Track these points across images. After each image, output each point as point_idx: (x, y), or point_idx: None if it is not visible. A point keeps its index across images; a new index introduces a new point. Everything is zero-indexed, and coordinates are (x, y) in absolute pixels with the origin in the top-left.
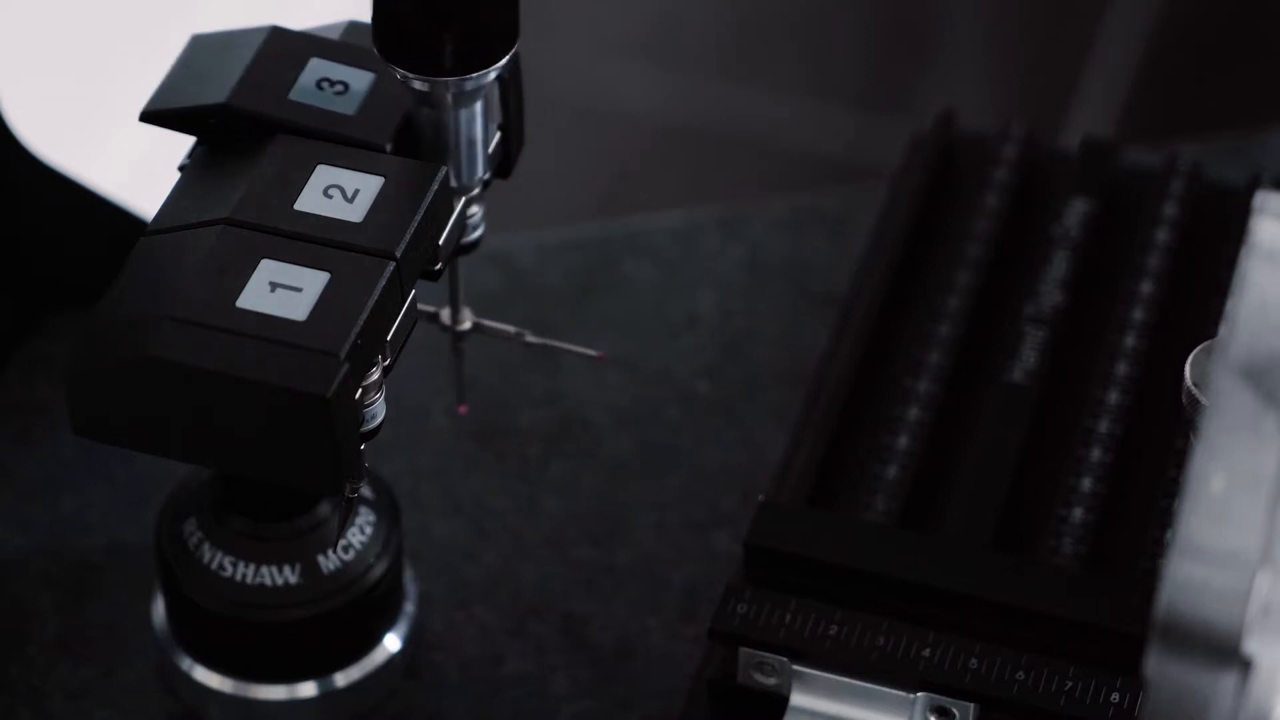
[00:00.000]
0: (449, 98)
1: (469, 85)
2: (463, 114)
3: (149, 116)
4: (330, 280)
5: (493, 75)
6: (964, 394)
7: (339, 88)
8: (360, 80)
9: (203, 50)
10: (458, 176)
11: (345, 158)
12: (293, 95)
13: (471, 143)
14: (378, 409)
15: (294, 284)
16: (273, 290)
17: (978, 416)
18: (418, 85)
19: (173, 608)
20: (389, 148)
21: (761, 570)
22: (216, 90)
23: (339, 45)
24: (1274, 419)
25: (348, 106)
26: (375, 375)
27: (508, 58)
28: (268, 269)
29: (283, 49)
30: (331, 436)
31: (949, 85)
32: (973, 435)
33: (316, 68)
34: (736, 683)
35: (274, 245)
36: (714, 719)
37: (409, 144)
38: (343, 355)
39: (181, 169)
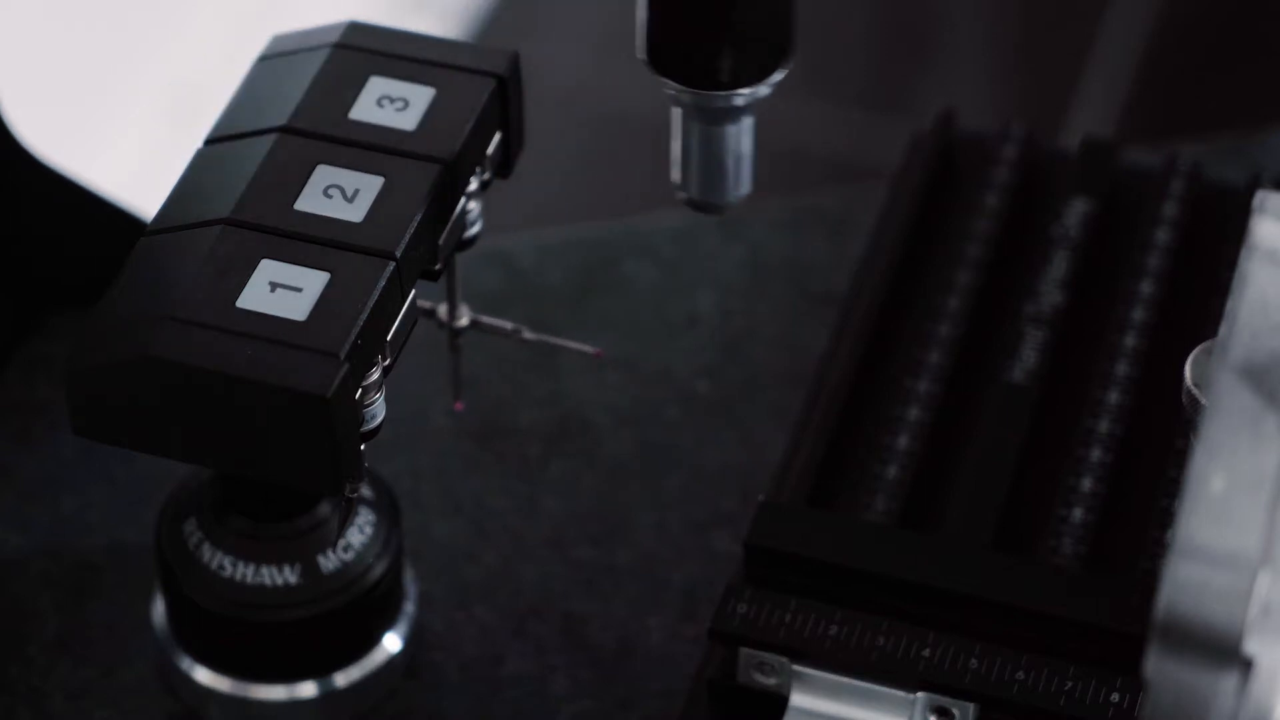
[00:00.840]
0: (724, 112)
1: (741, 100)
2: (733, 129)
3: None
4: (330, 280)
5: (766, 90)
6: (964, 394)
7: (399, 104)
8: (421, 96)
9: (268, 70)
10: (723, 191)
11: (345, 157)
12: (353, 114)
13: (740, 158)
14: (378, 409)
15: (294, 284)
16: (273, 290)
17: (978, 416)
18: (689, 99)
19: (173, 608)
20: (451, 159)
21: (761, 570)
22: (277, 114)
23: (399, 61)
24: (1274, 419)
25: (408, 122)
26: (375, 375)
27: (784, 72)
28: (268, 269)
29: (344, 66)
30: (331, 436)
31: (949, 85)
32: (973, 435)
33: (376, 85)
34: (736, 683)
35: (274, 245)
36: (714, 719)
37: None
38: (343, 355)
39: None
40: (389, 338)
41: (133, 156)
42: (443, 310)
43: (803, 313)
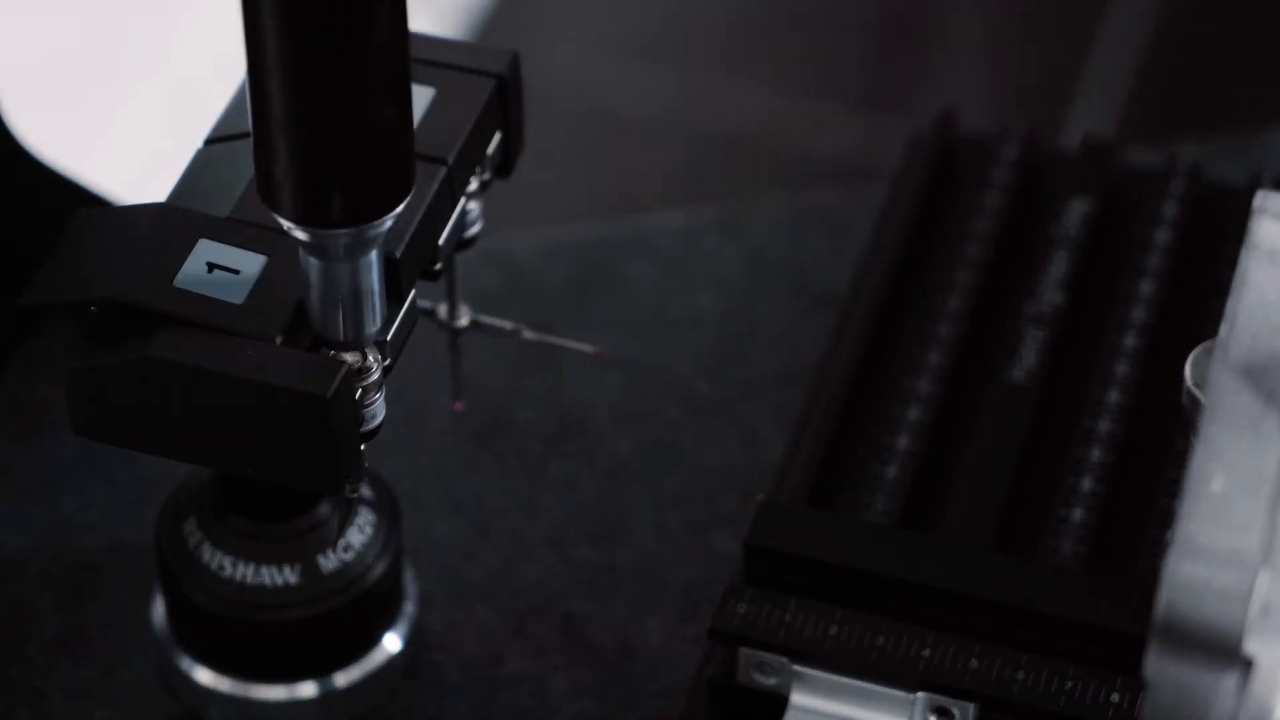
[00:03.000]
0: (341, 249)
1: (369, 234)
2: (352, 265)
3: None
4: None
5: (388, 224)
6: (964, 394)
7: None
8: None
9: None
10: (349, 330)
11: None
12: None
13: (364, 294)
14: (377, 409)
15: (232, 266)
16: (210, 270)
17: (978, 416)
18: (303, 235)
19: (173, 608)
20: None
21: (761, 570)
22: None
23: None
24: (1274, 419)
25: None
26: (375, 375)
27: (401, 207)
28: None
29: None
30: (331, 437)
31: (949, 85)
32: (973, 435)
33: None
34: (736, 683)
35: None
36: (714, 719)
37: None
38: (342, 355)
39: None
40: (389, 338)
41: (133, 156)
42: (443, 310)
43: (803, 313)
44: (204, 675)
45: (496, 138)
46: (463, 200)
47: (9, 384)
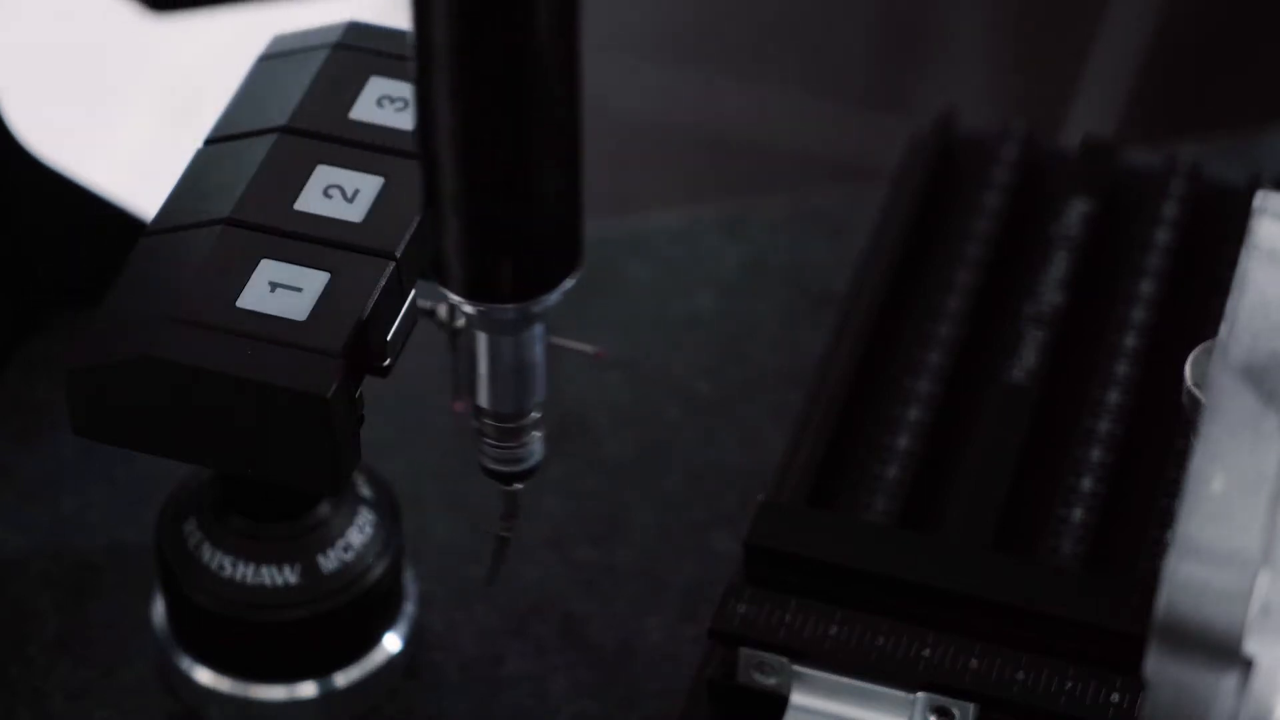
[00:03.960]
0: (508, 323)
1: (536, 308)
2: (517, 339)
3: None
4: (330, 280)
5: (555, 298)
6: (964, 394)
7: (399, 104)
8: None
9: (268, 70)
10: (509, 402)
11: (345, 158)
12: (353, 114)
13: (528, 367)
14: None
15: (294, 284)
16: (273, 290)
17: (978, 416)
18: (470, 310)
19: (173, 608)
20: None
21: (761, 570)
22: (277, 114)
23: (399, 61)
24: (1274, 419)
25: (408, 122)
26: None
27: (571, 281)
28: (268, 269)
29: (344, 66)
30: (331, 436)
31: (949, 85)
32: (973, 435)
33: (376, 85)
34: (736, 683)
35: (274, 245)
36: (714, 719)
37: None
38: (342, 355)
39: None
40: (389, 338)
41: (133, 156)
42: (443, 310)
43: (803, 313)
44: (204, 675)
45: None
46: None
47: (9, 384)
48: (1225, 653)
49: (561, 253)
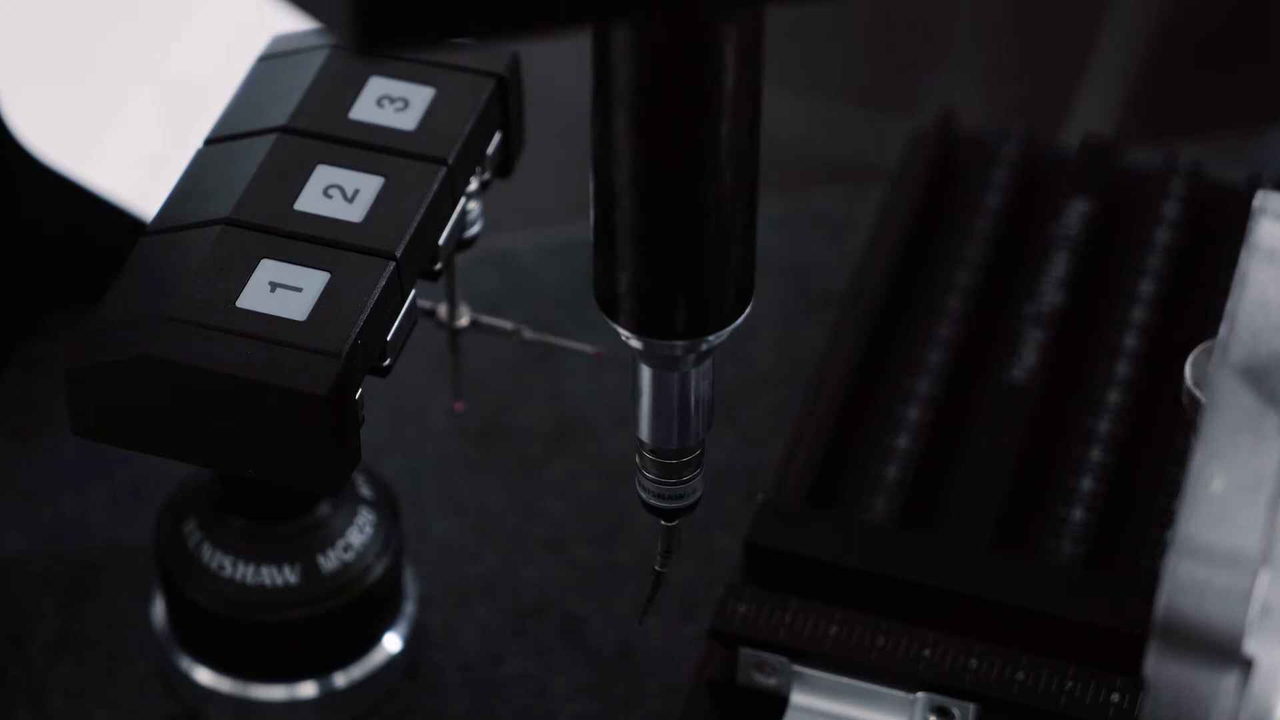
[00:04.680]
0: (677, 359)
1: (705, 345)
2: (683, 374)
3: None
4: (330, 280)
5: (727, 334)
6: (964, 394)
7: (399, 104)
8: (421, 96)
9: (268, 70)
10: (671, 438)
11: (345, 158)
12: (353, 114)
13: (694, 403)
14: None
15: (294, 284)
16: (273, 290)
17: (978, 416)
18: (638, 345)
19: (173, 608)
20: (451, 159)
21: (761, 570)
22: (277, 114)
23: (399, 61)
24: (1274, 419)
25: (408, 122)
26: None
27: (741, 319)
28: (268, 269)
29: (344, 66)
30: (330, 436)
31: (949, 85)
32: (973, 435)
33: (376, 85)
34: (736, 683)
35: (274, 245)
36: (714, 719)
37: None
38: (342, 355)
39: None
40: (389, 338)
41: (133, 156)
42: (443, 310)
43: (803, 313)
44: (204, 675)
45: (496, 138)
46: (463, 200)
47: (9, 384)
48: (1225, 653)
49: (737, 290)
